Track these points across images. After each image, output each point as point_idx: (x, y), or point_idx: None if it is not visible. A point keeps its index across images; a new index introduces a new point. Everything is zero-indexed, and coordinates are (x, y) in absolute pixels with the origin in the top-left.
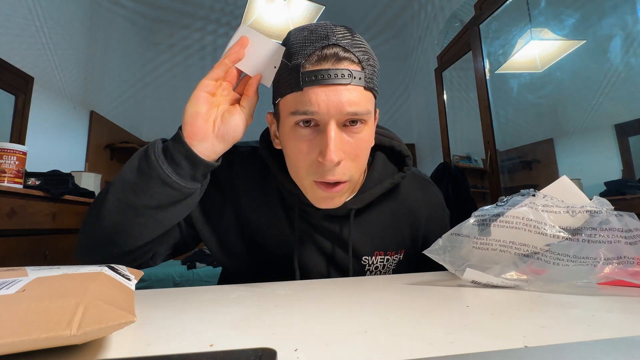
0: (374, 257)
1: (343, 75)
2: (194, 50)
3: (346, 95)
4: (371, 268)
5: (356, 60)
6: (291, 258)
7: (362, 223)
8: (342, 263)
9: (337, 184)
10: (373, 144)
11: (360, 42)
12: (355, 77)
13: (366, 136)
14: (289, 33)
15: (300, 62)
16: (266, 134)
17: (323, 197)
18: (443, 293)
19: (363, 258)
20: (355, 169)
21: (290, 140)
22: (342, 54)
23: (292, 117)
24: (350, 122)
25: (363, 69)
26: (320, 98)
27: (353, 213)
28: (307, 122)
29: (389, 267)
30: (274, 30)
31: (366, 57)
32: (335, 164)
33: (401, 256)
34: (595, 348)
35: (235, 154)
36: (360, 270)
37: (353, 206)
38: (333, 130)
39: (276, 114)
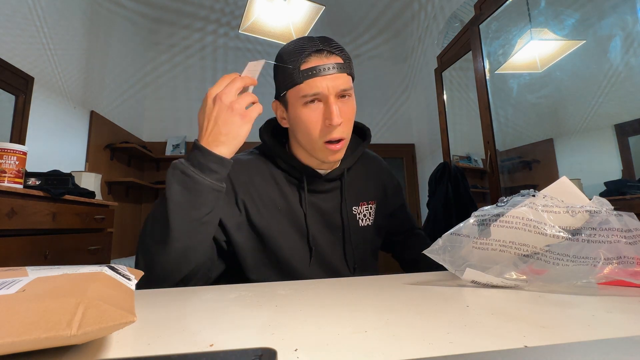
0: (360, 207)
1: (333, 67)
2: (194, 50)
3: (338, 80)
4: (360, 215)
5: (340, 56)
6: (302, 223)
7: (348, 182)
8: (337, 221)
9: (339, 141)
10: (356, 110)
11: (337, 43)
12: (340, 67)
13: (353, 104)
14: (284, 47)
15: (301, 61)
16: (263, 134)
17: (331, 153)
18: (443, 293)
19: (353, 208)
20: (348, 129)
21: (303, 115)
22: (328, 53)
23: (302, 100)
24: (341, 96)
25: (344, 60)
26: (321, 84)
27: (346, 171)
28: (312, 101)
29: (371, 214)
30: (274, 30)
31: (344, 53)
32: (338, 125)
33: (374, 206)
34: (595, 348)
35: (234, 159)
36: (353, 219)
37: (345, 166)
38: (333, 102)
39: (284, 102)
